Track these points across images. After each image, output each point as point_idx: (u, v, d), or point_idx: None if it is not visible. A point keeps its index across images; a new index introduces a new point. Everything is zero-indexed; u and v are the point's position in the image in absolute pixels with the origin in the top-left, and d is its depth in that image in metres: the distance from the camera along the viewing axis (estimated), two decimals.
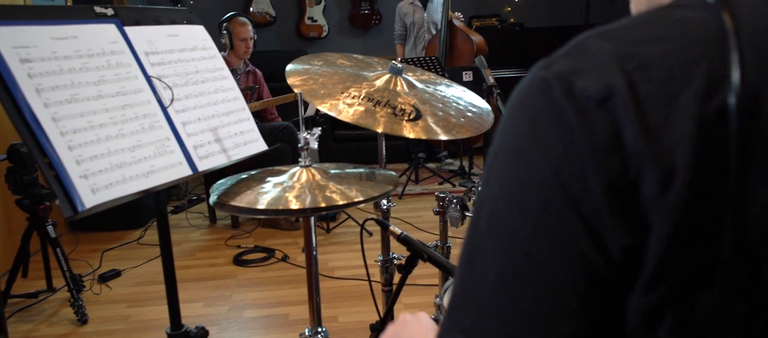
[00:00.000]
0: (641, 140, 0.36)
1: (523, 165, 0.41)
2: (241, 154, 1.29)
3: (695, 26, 0.40)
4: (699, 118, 0.36)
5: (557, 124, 0.39)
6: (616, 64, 0.39)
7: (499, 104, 1.74)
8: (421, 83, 1.56)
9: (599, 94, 0.38)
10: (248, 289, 2.98)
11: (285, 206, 1.06)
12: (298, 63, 1.54)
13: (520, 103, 0.43)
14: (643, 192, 0.37)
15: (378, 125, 1.31)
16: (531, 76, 0.43)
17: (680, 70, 0.38)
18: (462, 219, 1.66)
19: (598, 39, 0.42)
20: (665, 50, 0.39)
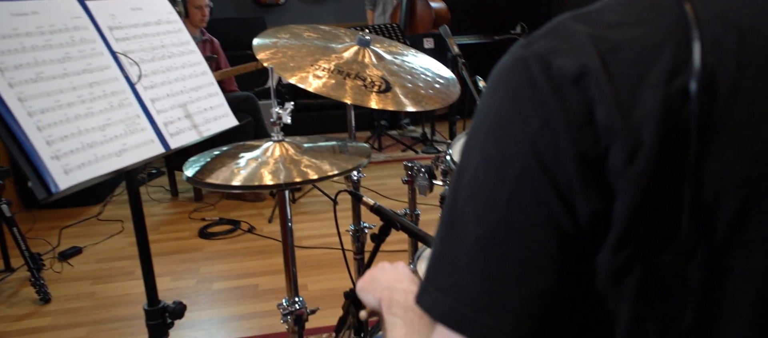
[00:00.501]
0: (611, 115, 0.40)
1: (502, 136, 0.44)
2: (213, 129, 1.29)
3: (662, 12, 0.44)
4: (664, 97, 0.40)
5: (534, 100, 0.42)
6: (591, 45, 0.42)
7: (464, 74, 1.77)
8: (389, 54, 1.57)
9: (574, 72, 0.42)
10: (215, 262, 2.98)
11: (260, 181, 1.08)
12: (265, 37, 1.52)
13: (501, 80, 0.46)
14: (611, 162, 0.40)
15: (347, 96, 1.32)
16: (512, 55, 0.46)
17: (648, 53, 0.42)
18: (430, 188, 1.71)
19: (575, 21, 0.45)
20: (635, 34, 0.43)
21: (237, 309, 2.54)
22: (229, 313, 2.52)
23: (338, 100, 1.32)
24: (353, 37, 1.62)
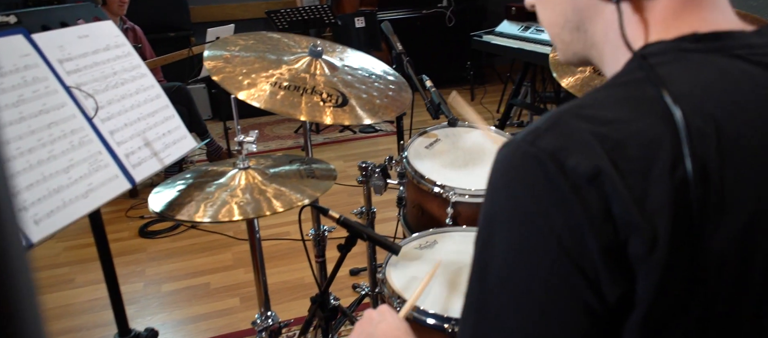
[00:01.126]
0: (628, 210, 0.46)
1: (528, 230, 0.49)
2: (173, 155, 1.28)
3: (651, 108, 0.50)
4: (670, 189, 0.47)
5: (556, 198, 0.48)
6: (597, 144, 0.48)
7: (410, 72, 1.83)
8: (339, 62, 1.60)
9: (589, 172, 0.47)
10: (161, 262, 2.92)
11: (229, 216, 1.09)
12: (216, 48, 1.51)
13: (514, 176, 0.51)
14: (632, 251, 0.47)
15: (303, 113, 1.34)
16: (519, 150, 0.51)
17: (648, 149, 0.48)
18: (385, 187, 1.78)
19: (575, 118, 0.51)
20: (633, 131, 0.49)
21: (190, 311, 2.52)
22: (183, 316, 2.50)
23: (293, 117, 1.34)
24: (303, 44, 1.63)
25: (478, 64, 5.67)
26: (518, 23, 3.86)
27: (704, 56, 0.53)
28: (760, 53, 0.53)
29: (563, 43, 0.66)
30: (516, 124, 4.56)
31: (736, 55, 0.53)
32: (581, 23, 0.62)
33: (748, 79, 0.52)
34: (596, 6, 0.60)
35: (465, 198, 1.50)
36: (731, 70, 0.52)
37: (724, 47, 0.54)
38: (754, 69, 0.53)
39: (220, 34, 3.27)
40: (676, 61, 0.53)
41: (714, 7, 0.57)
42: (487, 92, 5.56)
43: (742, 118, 0.50)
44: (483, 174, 1.58)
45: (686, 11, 0.56)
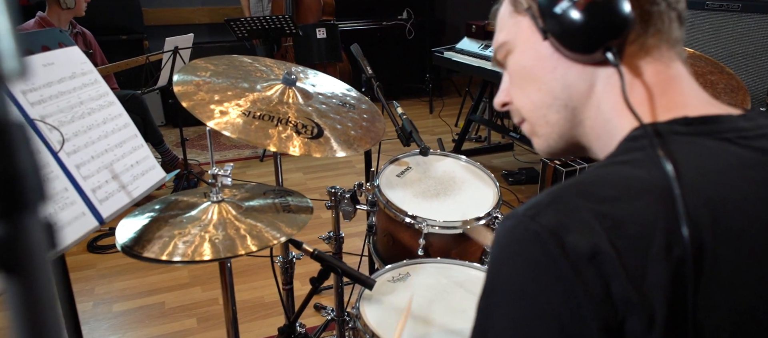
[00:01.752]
0: (626, 290, 0.48)
1: (528, 306, 0.50)
2: (142, 188, 1.23)
3: (649, 188, 0.52)
4: (667, 269, 0.49)
5: (556, 275, 0.49)
6: (596, 223, 0.50)
7: (380, 96, 1.83)
8: (311, 86, 1.58)
9: (588, 251, 0.49)
10: (112, 279, 2.80)
11: (201, 256, 1.06)
12: (186, 73, 1.46)
13: (515, 250, 0.52)
14: (629, 329, 0.49)
15: (276, 145, 1.32)
16: (521, 225, 0.52)
17: (645, 229, 0.50)
18: (354, 213, 1.77)
19: (575, 195, 0.53)
20: (631, 210, 0.51)
21: (144, 332, 2.43)
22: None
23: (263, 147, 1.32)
24: (277, 71, 1.61)
25: (437, 77, 5.74)
26: (478, 41, 3.94)
27: (694, 139, 0.56)
28: (749, 136, 0.56)
29: (548, 125, 0.66)
30: (474, 139, 4.64)
31: (725, 139, 0.56)
32: (570, 100, 0.63)
33: (738, 163, 0.54)
34: (589, 78, 0.61)
35: (436, 229, 1.51)
36: (722, 153, 0.55)
37: (714, 131, 0.56)
38: (744, 152, 0.55)
39: (179, 43, 3.17)
40: (669, 143, 0.55)
41: (691, 87, 0.61)
42: (445, 105, 5.63)
43: (734, 201, 0.52)
44: (455, 204, 1.60)
45: (671, 90, 0.59)
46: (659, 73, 0.60)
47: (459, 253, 1.54)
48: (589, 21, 0.57)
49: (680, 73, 0.61)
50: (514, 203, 3.53)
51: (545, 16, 0.60)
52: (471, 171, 1.76)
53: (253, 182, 3.84)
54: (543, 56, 0.63)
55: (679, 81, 0.60)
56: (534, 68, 0.64)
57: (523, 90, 0.67)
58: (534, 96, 0.65)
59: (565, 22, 0.58)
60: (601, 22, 0.57)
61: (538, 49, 0.62)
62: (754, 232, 0.52)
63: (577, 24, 0.57)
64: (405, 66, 5.72)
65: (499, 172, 3.98)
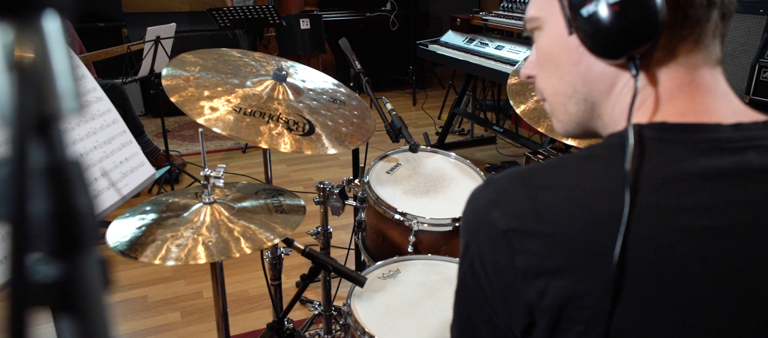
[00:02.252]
0: (530, 264, 0.55)
1: (462, 265, 0.63)
2: (131, 185, 1.21)
3: (592, 181, 0.57)
4: (569, 260, 0.54)
5: (476, 240, 0.60)
6: (519, 205, 0.57)
7: (369, 92, 1.83)
8: (302, 83, 1.57)
9: (504, 226, 0.57)
10: None
11: (195, 259, 1.05)
12: (175, 67, 1.44)
13: (464, 222, 0.64)
14: (528, 299, 0.56)
15: (267, 141, 1.31)
16: (473, 194, 0.63)
17: (562, 220, 0.55)
18: (342, 208, 1.77)
19: (519, 178, 0.60)
20: (557, 200, 0.56)
21: (127, 327, 2.40)
22: (119, 332, 2.37)
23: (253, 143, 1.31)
24: (266, 66, 1.59)
25: (421, 69, 5.74)
26: (463, 35, 3.94)
27: (661, 146, 0.56)
28: (727, 148, 0.55)
29: (567, 113, 0.66)
30: (457, 132, 4.66)
31: (697, 149, 0.55)
32: (590, 95, 0.63)
33: (698, 174, 0.54)
34: (608, 79, 0.61)
35: (425, 226, 1.52)
36: (682, 162, 0.55)
37: (688, 139, 0.56)
38: (715, 163, 0.54)
39: (161, 33, 3.11)
40: (645, 146, 0.56)
41: (711, 92, 0.59)
42: (429, 97, 5.64)
43: (669, 210, 0.53)
44: (444, 201, 1.61)
45: (681, 95, 0.58)
46: (676, 78, 0.59)
47: (448, 250, 1.55)
48: (617, 27, 0.55)
49: (702, 80, 0.59)
50: None
51: (574, 12, 0.58)
52: (460, 168, 1.77)
53: (242, 179, 3.81)
54: (568, 46, 0.61)
55: (695, 87, 0.59)
56: (559, 56, 0.63)
57: (547, 73, 0.66)
58: (556, 83, 0.65)
59: (592, 23, 0.57)
60: (630, 30, 0.55)
61: (564, 37, 0.61)
62: (675, 250, 0.52)
63: (604, 28, 0.56)
64: (388, 58, 5.71)
65: (482, 166, 4.01)
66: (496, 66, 3.42)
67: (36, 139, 0.21)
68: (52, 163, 0.21)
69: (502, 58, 3.45)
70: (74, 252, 0.21)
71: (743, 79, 2.56)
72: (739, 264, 0.52)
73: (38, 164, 0.21)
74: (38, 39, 0.21)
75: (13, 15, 0.20)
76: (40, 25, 0.21)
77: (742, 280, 0.52)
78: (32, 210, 0.21)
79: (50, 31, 0.21)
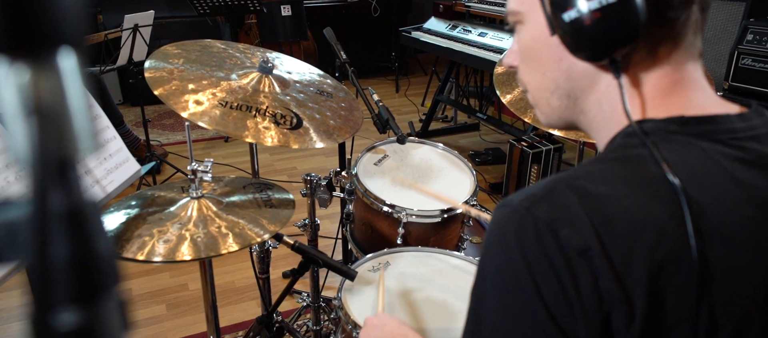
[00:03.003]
0: (612, 286, 0.50)
1: (521, 295, 0.53)
2: (116, 182, 1.19)
3: (643, 185, 0.54)
4: (649, 269, 0.51)
5: (549, 266, 0.52)
6: (586, 219, 0.52)
7: (355, 83, 1.81)
8: (288, 75, 1.55)
9: (580, 246, 0.51)
10: None
11: (182, 256, 1.03)
12: (158, 59, 1.41)
13: (512, 239, 0.54)
14: (614, 323, 0.51)
15: (254, 136, 1.29)
16: (516, 215, 0.54)
17: (633, 228, 0.52)
18: (330, 200, 1.76)
19: (567, 190, 0.54)
20: (619, 209, 0.52)
21: None
22: None
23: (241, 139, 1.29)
24: (251, 57, 1.56)
25: (403, 56, 5.72)
26: (446, 21, 3.93)
27: (689, 139, 0.57)
28: (741, 137, 0.58)
29: (550, 107, 0.67)
30: (440, 119, 4.67)
31: (719, 140, 0.57)
32: (573, 92, 0.64)
33: (728, 165, 0.56)
34: (591, 77, 0.62)
35: (414, 218, 1.52)
36: (714, 155, 0.56)
37: (708, 132, 0.58)
38: (735, 153, 0.57)
39: (139, 21, 3.04)
40: (663, 142, 0.57)
41: (699, 88, 0.61)
42: (411, 84, 5.63)
43: (720, 204, 0.54)
44: (433, 192, 1.62)
45: (675, 92, 0.60)
46: (666, 76, 0.60)
47: (437, 241, 1.56)
48: (598, 31, 0.56)
49: (688, 75, 0.61)
50: (481, 183, 3.59)
51: (555, 14, 0.59)
52: (448, 158, 1.78)
53: (225, 169, 3.77)
54: (550, 44, 0.61)
55: (685, 83, 0.60)
56: (541, 52, 0.64)
57: (529, 67, 0.66)
58: (539, 78, 0.66)
59: (573, 26, 0.57)
60: (610, 33, 0.56)
61: (546, 35, 0.61)
62: (739, 235, 0.54)
63: (586, 32, 0.57)
64: (371, 44, 5.67)
65: (466, 153, 4.03)
66: (479, 53, 3.42)
67: (55, 183, 0.20)
68: (71, 207, 0.20)
69: (485, 45, 3.46)
70: (95, 298, 0.20)
71: (722, 65, 2.60)
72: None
73: (58, 208, 0.20)
74: (55, 78, 0.20)
75: (29, 54, 0.19)
76: (57, 64, 0.20)
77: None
78: (53, 256, 0.20)
79: (66, 69, 0.20)
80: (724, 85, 2.47)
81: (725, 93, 2.46)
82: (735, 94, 2.42)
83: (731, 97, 2.05)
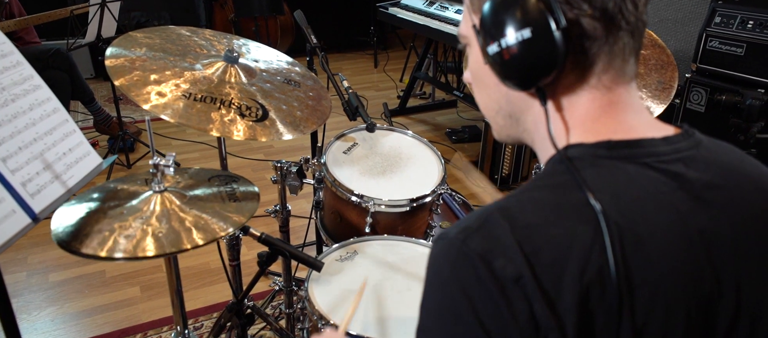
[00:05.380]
0: (544, 312, 0.53)
1: (461, 326, 0.55)
2: (77, 176, 1.17)
3: (568, 211, 0.56)
4: (578, 293, 0.53)
5: (486, 296, 0.54)
6: (517, 249, 0.54)
7: (325, 67, 1.80)
8: (253, 63, 1.53)
9: (514, 275, 0.53)
10: (46, 247, 2.69)
11: (144, 252, 1.03)
12: (120, 46, 1.38)
13: (450, 274, 0.56)
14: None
15: (218, 129, 1.28)
16: (453, 248, 0.56)
17: (560, 256, 0.54)
18: (300, 187, 1.76)
19: (500, 220, 0.56)
20: (548, 238, 0.55)
21: (84, 303, 2.37)
22: (76, 309, 2.34)
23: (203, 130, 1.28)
24: (217, 46, 1.54)
25: (382, 30, 5.66)
26: None
27: (616, 163, 0.59)
28: (665, 160, 0.60)
29: (497, 125, 0.72)
30: (418, 96, 4.66)
31: (643, 164, 0.60)
32: (513, 113, 0.68)
33: (653, 188, 0.58)
34: (526, 100, 0.65)
35: (382, 207, 1.53)
36: (639, 178, 0.59)
37: (634, 155, 0.60)
38: (659, 176, 0.59)
39: None
40: (591, 166, 0.59)
41: (631, 110, 0.63)
42: (390, 58, 5.59)
43: (644, 226, 0.56)
44: (400, 182, 1.63)
45: (605, 116, 0.62)
46: (595, 100, 0.62)
47: (405, 230, 1.58)
48: (517, 64, 0.60)
49: (618, 98, 0.63)
50: (457, 162, 3.61)
51: (483, 46, 0.63)
52: (417, 146, 1.78)
53: (191, 147, 3.73)
54: (489, 70, 0.65)
55: (615, 106, 0.62)
56: (484, 76, 0.68)
57: (478, 88, 0.71)
58: (485, 99, 0.70)
59: (496, 59, 0.62)
60: (530, 67, 0.59)
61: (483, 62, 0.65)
62: (662, 258, 0.56)
63: (507, 64, 0.61)
64: (349, 18, 5.60)
65: (442, 130, 4.04)
66: (456, 31, 3.39)
67: None
68: None
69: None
70: None
71: (691, 46, 2.63)
72: (692, 269, 0.57)
73: None
74: None
75: None
76: None
77: (698, 285, 0.57)
78: None
79: None
80: (693, 66, 2.49)
81: (693, 74, 2.49)
82: (702, 77, 2.45)
83: (699, 79, 2.06)
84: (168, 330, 2.22)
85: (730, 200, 0.60)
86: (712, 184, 0.60)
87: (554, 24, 0.57)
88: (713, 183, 0.60)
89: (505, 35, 0.60)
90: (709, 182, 0.60)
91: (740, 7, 2.40)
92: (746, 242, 0.60)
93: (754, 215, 0.61)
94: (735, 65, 2.36)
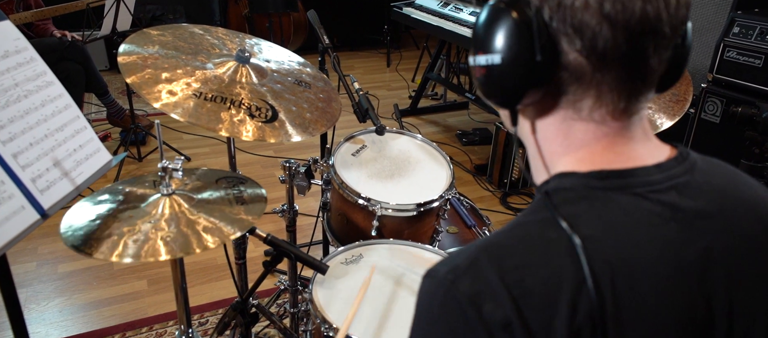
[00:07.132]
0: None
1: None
2: (86, 173, 1.18)
3: (554, 249, 0.55)
4: (569, 336, 0.52)
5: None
6: (506, 292, 0.53)
7: (337, 68, 1.80)
8: (265, 63, 1.54)
9: (502, 320, 0.53)
10: (56, 238, 2.70)
11: (155, 256, 1.03)
12: (133, 43, 1.39)
13: (438, 315, 0.56)
14: None
15: (228, 129, 1.28)
16: (441, 289, 0.56)
17: (550, 298, 0.53)
18: (308, 187, 1.77)
19: (489, 261, 0.55)
20: (537, 279, 0.54)
21: (92, 295, 2.39)
22: (83, 300, 2.36)
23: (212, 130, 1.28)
24: (229, 45, 1.54)
25: (395, 29, 5.65)
26: None
27: (608, 195, 0.58)
28: (658, 190, 0.59)
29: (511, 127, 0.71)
30: (430, 96, 4.65)
31: (636, 194, 0.58)
32: (519, 131, 0.69)
33: (645, 220, 0.57)
34: (524, 123, 0.66)
35: (389, 211, 1.53)
36: (631, 210, 0.57)
37: (627, 185, 0.58)
38: (653, 207, 0.57)
39: None
40: (584, 198, 0.58)
41: (628, 138, 0.61)
42: (403, 58, 5.58)
43: (637, 260, 0.55)
44: (408, 186, 1.62)
45: (600, 144, 0.61)
46: (587, 131, 0.61)
47: (411, 234, 1.57)
48: (489, 84, 0.62)
49: (613, 130, 0.61)
50: (466, 164, 3.60)
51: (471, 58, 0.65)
52: (426, 150, 1.78)
53: (199, 142, 3.75)
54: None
55: (611, 136, 0.61)
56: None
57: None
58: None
59: (471, 72, 0.65)
60: (500, 92, 0.62)
61: None
62: (652, 294, 0.55)
63: (480, 80, 0.63)
64: (363, 16, 5.59)
65: (453, 132, 4.02)
66: (470, 33, 3.38)
67: None
68: None
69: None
70: None
71: (707, 57, 2.59)
72: (685, 301, 0.56)
73: None
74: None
75: None
76: None
77: (690, 316, 0.56)
78: None
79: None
80: (709, 77, 2.46)
81: (709, 84, 2.45)
82: (718, 87, 2.41)
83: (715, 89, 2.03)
84: (174, 325, 2.23)
85: (722, 227, 0.59)
86: (705, 213, 0.59)
87: (528, 53, 0.57)
88: (706, 212, 0.59)
89: (488, 52, 0.61)
90: (702, 210, 0.59)
91: (760, 18, 2.36)
92: (739, 266, 0.59)
93: (747, 237, 0.60)
94: (753, 77, 2.33)
